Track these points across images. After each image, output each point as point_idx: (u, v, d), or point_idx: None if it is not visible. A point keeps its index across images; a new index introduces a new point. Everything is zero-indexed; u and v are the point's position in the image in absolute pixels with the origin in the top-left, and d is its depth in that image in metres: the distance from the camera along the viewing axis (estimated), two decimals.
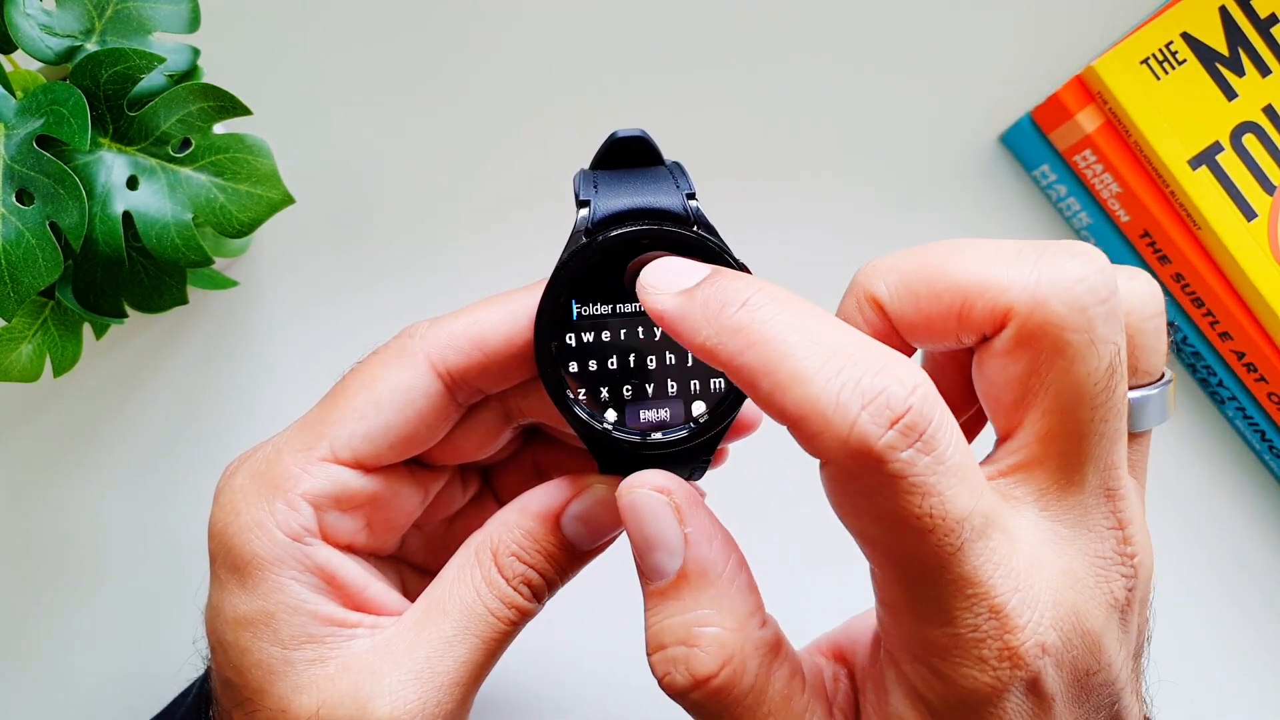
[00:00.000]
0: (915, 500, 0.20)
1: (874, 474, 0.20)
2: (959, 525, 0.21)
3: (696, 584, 0.23)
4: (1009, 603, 0.21)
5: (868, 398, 0.20)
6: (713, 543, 0.24)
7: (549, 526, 0.28)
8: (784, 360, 0.21)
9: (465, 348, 0.28)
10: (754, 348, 0.21)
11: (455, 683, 0.27)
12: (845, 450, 0.20)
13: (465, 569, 0.28)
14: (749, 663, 0.23)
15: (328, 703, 0.26)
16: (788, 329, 0.21)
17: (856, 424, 0.20)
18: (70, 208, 0.32)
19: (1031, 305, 0.22)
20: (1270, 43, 0.45)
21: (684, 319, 0.23)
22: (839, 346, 0.21)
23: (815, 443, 0.21)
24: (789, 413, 0.21)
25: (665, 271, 0.24)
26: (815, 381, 0.21)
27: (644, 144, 0.27)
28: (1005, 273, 0.22)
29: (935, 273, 0.23)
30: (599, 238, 0.26)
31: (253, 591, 0.27)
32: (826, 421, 0.20)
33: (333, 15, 0.47)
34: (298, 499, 0.28)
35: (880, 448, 0.20)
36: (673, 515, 0.24)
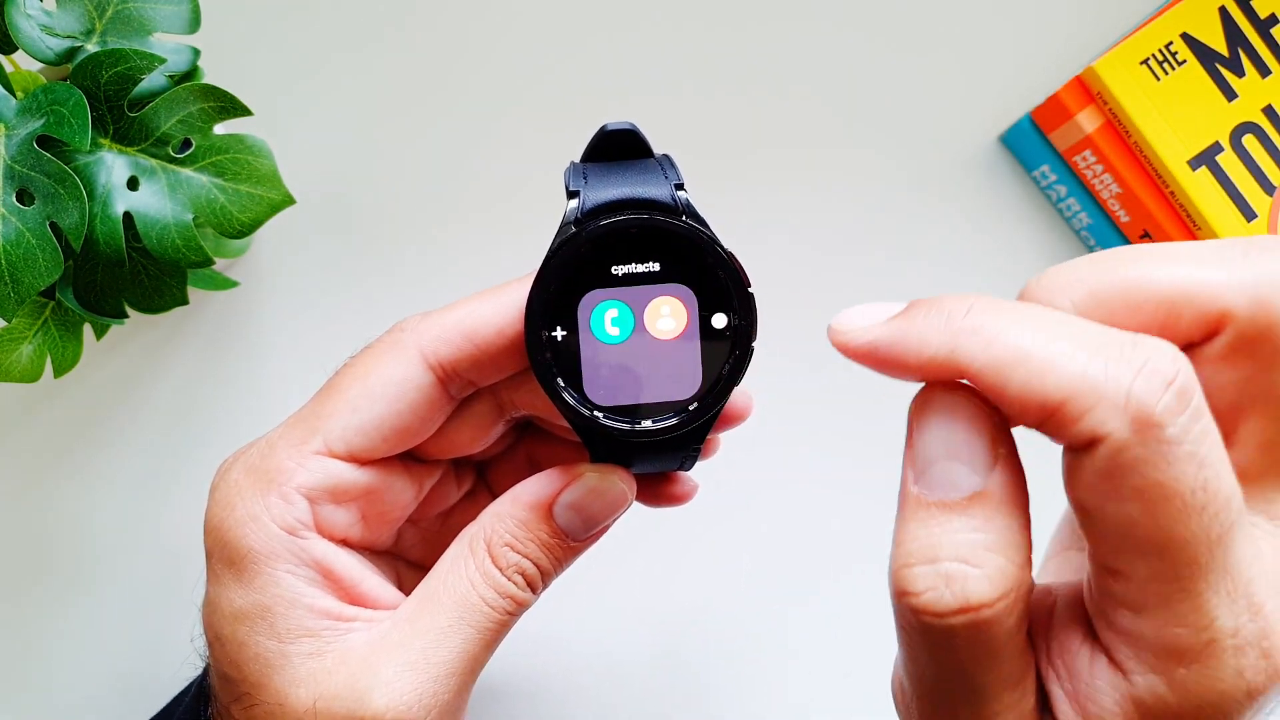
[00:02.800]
0: (1192, 470, 0.19)
1: (1152, 442, 0.19)
2: (1228, 504, 0.20)
3: (996, 508, 0.21)
4: (1267, 603, 0.20)
5: (1136, 366, 0.19)
6: (1019, 475, 0.22)
7: (542, 516, 0.28)
8: (1036, 347, 0.20)
9: (457, 340, 0.28)
10: (999, 341, 0.20)
11: (451, 673, 0.27)
12: (1125, 417, 0.19)
13: (459, 560, 0.28)
14: (1019, 605, 0.21)
15: (324, 695, 0.26)
16: (1026, 322, 0.21)
17: (1133, 390, 0.19)
18: (70, 208, 0.32)
19: (1253, 306, 0.20)
20: (1270, 43, 0.45)
21: (905, 338, 0.22)
22: (1082, 329, 0.20)
23: (1085, 421, 0.19)
24: (1052, 395, 0.20)
25: (859, 310, 0.23)
26: (1077, 359, 0.20)
27: (633, 136, 0.27)
28: (1214, 275, 0.21)
29: (1131, 283, 0.21)
30: (587, 227, 0.26)
31: (248, 585, 0.27)
32: (1099, 393, 0.19)
33: (333, 15, 0.47)
34: (292, 492, 0.28)
35: (1160, 412, 0.19)
36: (993, 430, 0.22)
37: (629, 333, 0.27)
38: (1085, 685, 0.21)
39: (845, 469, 0.46)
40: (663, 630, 0.45)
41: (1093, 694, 0.21)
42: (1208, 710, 0.20)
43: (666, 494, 0.32)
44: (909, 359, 0.21)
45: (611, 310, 0.27)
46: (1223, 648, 0.20)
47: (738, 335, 0.27)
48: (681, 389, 0.27)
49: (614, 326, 0.27)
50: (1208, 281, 0.21)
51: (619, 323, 0.27)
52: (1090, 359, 0.20)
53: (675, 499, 0.32)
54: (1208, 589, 0.20)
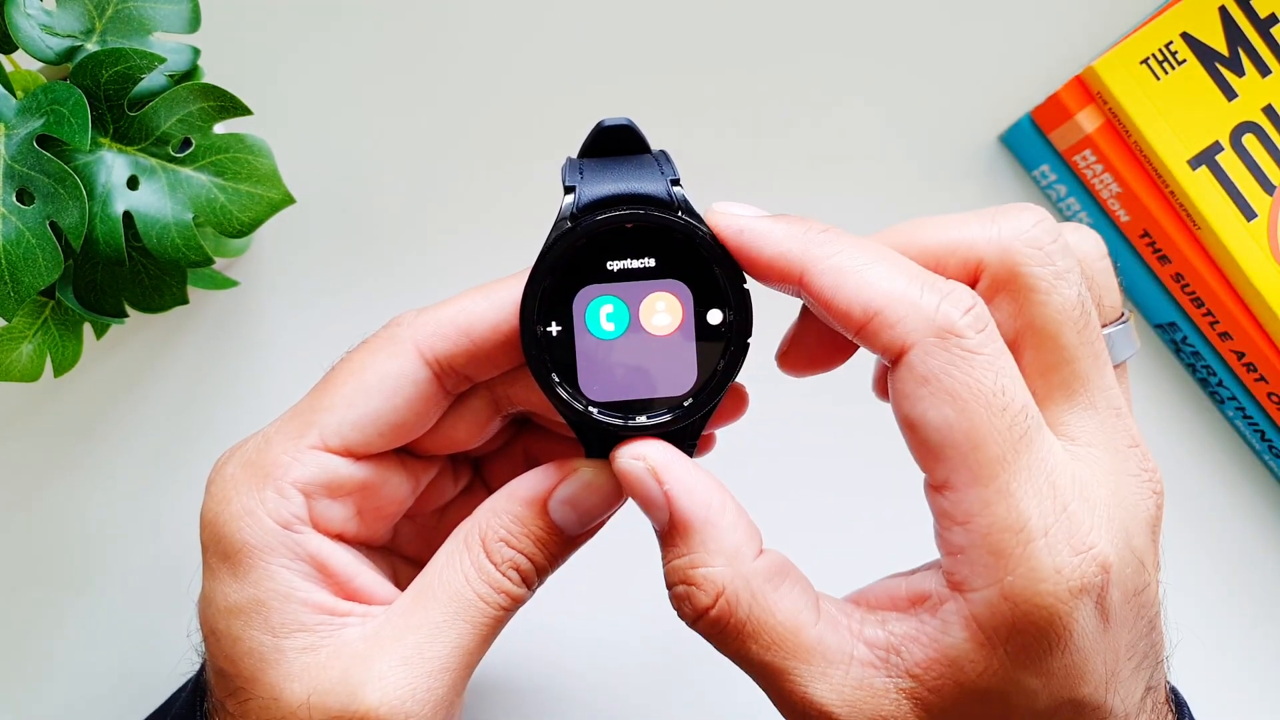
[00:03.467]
0: (991, 376, 0.23)
1: (955, 349, 0.23)
2: (1024, 410, 0.23)
3: (684, 532, 0.26)
4: (1071, 504, 0.23)
5: (943, 292, 0.24)
6: (692, 494, 0.26)
7: (536, 511, 0.28)
8: (872, 263, 0.24)
9: (452, 335, 0.28)
10: (843, 253, 0.25)
11: (445, 668, 0.27)
12: (931, 327, 0.23)
13: (454, 555, 0.28)
14: (742, 593, 0.25)
15: (318, 690, 0.26)
16: (866, 248, 0.25)
17: (940, 306, 0.24)
18: (70, 208, 0.32)
19: (999, 253, 0.25)
20: (1270, 43, 0.45)
21: (768, 234, 0.26)
22: (906, 265, 0.25)
23: (898, 328, 0.24)
24: (872, 303, 0.24)
25: (740, 204, 0.27)
26: (897, 280, 0.24)
27: (630, 132, 0.27)
28: (969, 231, 0.25)
29: (903, 242, 0.26)
30: (583, 222, 0.26)
31: (243, 579, 0.27)
32: (914, 305, 0.24)
33: (332, 16, 0.47)
34: (288, 487, 0.28)
35: (961, 325, 0.23)
36: (650, 478, 0.26)
37: (624, 328, 0.27)
38: (936, 633, 0.24)
39: (842, 466, 0.46)
40: (659, 623, 0.45)
41: (941, 634, 0.24)
42: (1039, 615, 0.23)
43: None
44: (765, 251, 0.26)
45: (607, 306, 0.27)
46: (1038, 546, 0.23)
47: (733, 332, 0.27)
48: (676, 385, 0.27)
49: (609, 322, 0.27)
50: (963, 237, 0.25)
51: (614, 318, 0.27)
52: (908, 283, 0.24)
53: None
54: (1018, 487, 0.23)
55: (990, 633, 0.23)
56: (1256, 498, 0.48)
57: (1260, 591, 0.48)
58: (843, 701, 0.24)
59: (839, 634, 0.25)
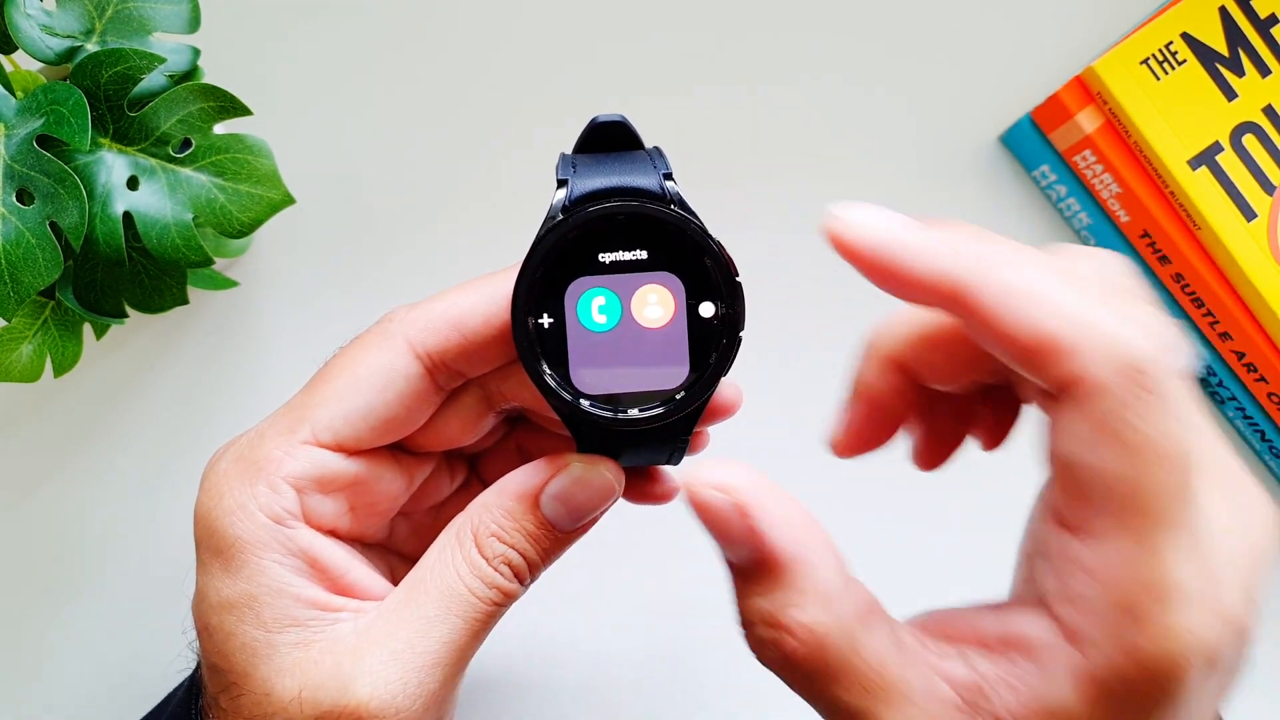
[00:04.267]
0: (1175, 426, 0.20)
1: (1141, 392, 0.20)
2: (1189, 459, 0.20)
3: (773, 571, 0.23)
4: (1219, 569, 0.21)
5: (1131, 317, 0.20)
6: (782, 529, 0.23)
7: (528, 506, 0.28)
8: (1044, 280, 0.21)
9: (444, 330, 0.28)
10: (1005, 270, 0.21)
11: (437, 663, 0.27)
12: (1119, 364, 0.20)
13: (446, 551, 0.28)
14: (838, 638, 0.22)
15: (310, 684, 0.26)
16: (1032, 260, 0.21)
17: (1130, 337, 0.20)
18: (70, 208, 0.32)
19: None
20: (1270, 43, 0.45)
21: (914, 248, 0.22)
22: (1084, 283, 0.21)
23: (1076, 361, 0.20)
24: (1048, 329, 0.20)
25: (865, 206, 0.23)
26: (1080, 300, 0.20)
27: (623, 128, 0.27)
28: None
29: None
30: (574, 214, 0.26)
31: (236, 574, 0.27)
32: (1098, 333, 0.20)
33: (332, 16, 0.47)
34: (280, 481, 0.28)
35: (1155, 365, 0.20)
36: (734, 513, 0.23)
37: (616, 321, 0.27)
38: (1038, 680, 0.22)
39: (838, 463, 0.46)
40: (654, 621, 0.45)
41: (1043, 683, 0.21)
42: (1167, 680, 0.20)
43: (649, 492, 0.31)
44: (915, 270, 0.21)
45: (598, 298, 0.27)
46: (1175, 604, 0.20)
47: (726, 324, 0.27)
48: (668, 378, 0.27)
49: (601, 314, 0.27)
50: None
51: (606, 311, 0.27)
52: (1089, 305, 0.20)
53: (658, 498, 0.32)
54: (1173, 549, 0.20)
55: (1103, 690, 0.21)
56: None
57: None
58: None
59: (920, 671, 0.23)
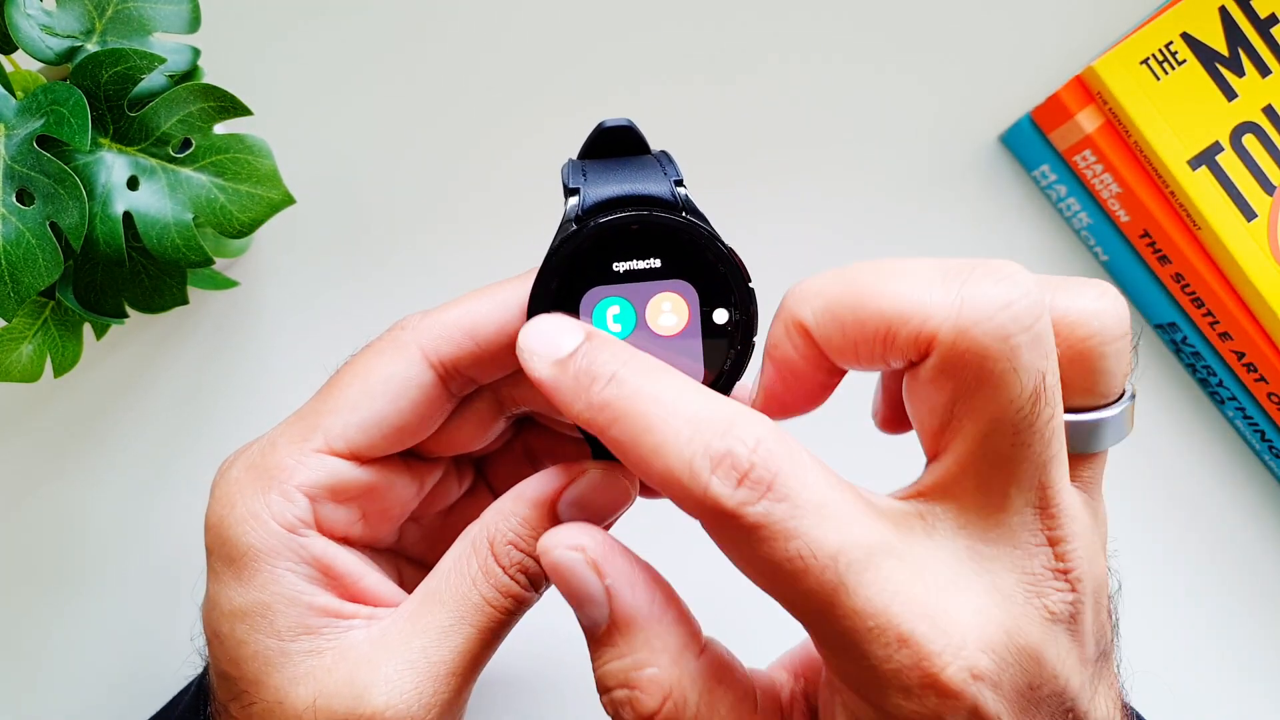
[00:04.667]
0: (780, 545, 0.21)
1: (735, 529, 0.21)
2: (832, 560, 0.21)
3: (626, 630, 0.24)
4: (916, 629, 0.21)
5: (715, 460, 0.22)
6: (635, 588, 0.24)
7: (545, 513, 0.28)
8: (645, 434, 0.22)
9: (457, 338, 0.28)
10: (618, 423, 0.23)
11: (451, 672, 0.27)
12: (705, 512, 0.22)
13: (461, 559, 0.28)
14: (689, 694, 0.24)
15: (324, 693, 0.26)
16: (648, 401, 0.23)
17: (709, 487, 0.21)
18: (70, 208, 0.32)
19: (954, 334, 0.22)
20: (1270, 43, 0.45)
21: (558, 391, 0.24)
22: (692, 413, 0.22)
23: (683, 508, 0.22)
24: (655, 483, 0.22)
25: (541, 334, 0.25)
26: (671, 452, 0.22)
27: (631, 133, 0.27)
28: (929, 298, 0.22)
29: (859, 299, 0.23)
30: (589, 224, 0.26)
31: (248, 583, 0.27)
32: (686, 489, 0.22)
33: (332, 16, 0.47)
34: (293, 490, 0.28)
35: (733, 505, 0.21)
36: (590, 570, 0.24)
37: (630, 329, 0.27)
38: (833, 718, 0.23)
39: (845, 461, 0.46)
40: None
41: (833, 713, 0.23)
42: None
43: None
44: (564, 410, 0.24)
45: (613, 307, 0.27)
46: (886, 675, 0.21)
47: (739, 331, 0.27)
48: None
49: (616, 323, 0.27)
50: (920, 304, 0.22)
51: (621, 319, 0.27)
52: (681, 452, 0.22)
53: None
54: (847, 630, 0.21)
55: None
56: (1256, 498, 0.48)
57: (1261, 592, 0.48)
58: None
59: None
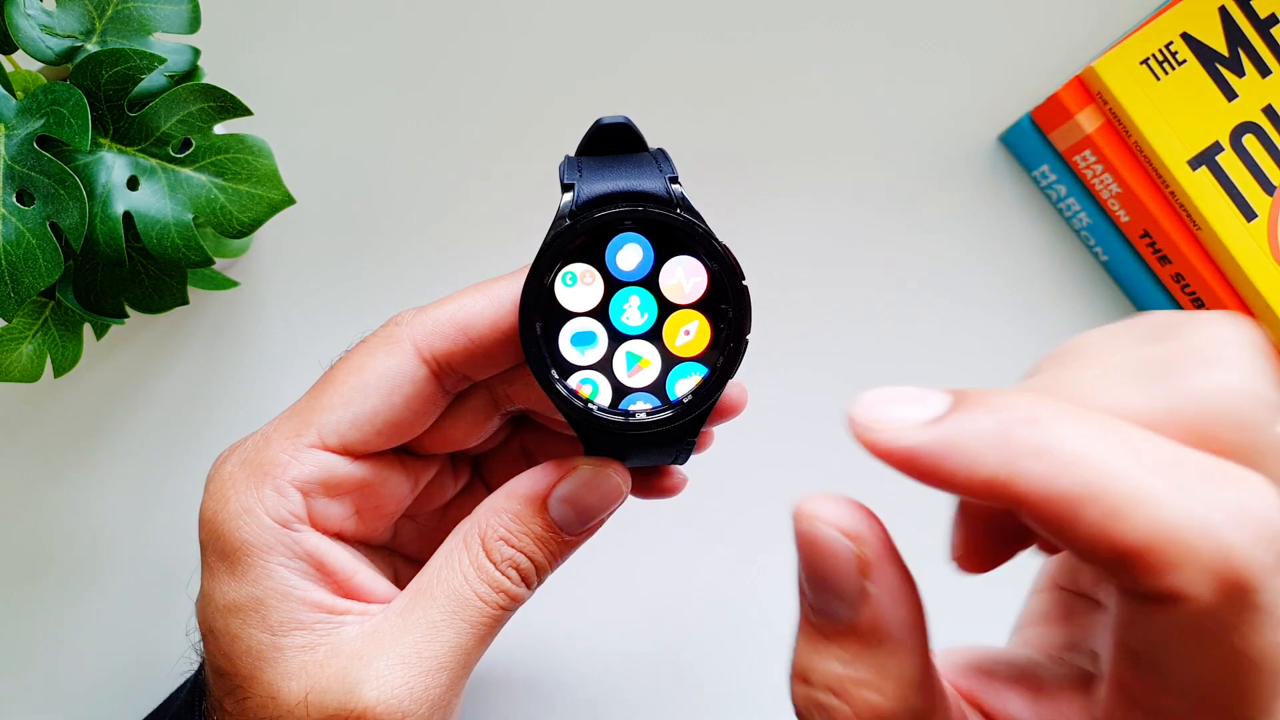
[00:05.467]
0: (1273, 635, 0.17)
1: (1242, 605, 0.16)
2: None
3: (866, 642, 0.20)
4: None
5: (1234, 514, 0.16)
6: (897, 606, 0.20)
7: (536, 509, 0.28)
8: (1115, 480, 0.17)
9: (451, 334, 0.28)
10: (1070, 469, 0.17)
11: (442, 667, 0.27)
12: (1216, 580, 0.16)
13: (453, 555, 0.28)
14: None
15: (316, 688, 0.27)
16: (1102, 442, 0.17)
17: (1234, 548, 0.16)
18: (71, 208, 0.32)
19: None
20: (1270, 43, 0.45)
21: (952, 451, 0.18)
22: (1166, 457, 0.17)
23: (1169, 577, 0.16)
24: (1131, 543, 0.16)
25: (888, 399, 0.19)
26: (1164, 500, 0.16)
27: (628, 130, 0.27)
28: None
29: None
30: (581, 220, 0.26)
31: (242, 578, 0.27)
32: (1190, 548, 0.16)
33: (333, 16, 0.47)
34: (286, 485, 0.28)
35: (1260, 576, 0.16)
36: (855, 564, 0.20)
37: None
38: None
39: (841, 464, 0.46)
40: (659, 620, 0.45)
41: None
42: None
43: (658, 486, 0.32)
44: (958, 477, 0.18)
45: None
46: None
47: (732, 328, 0.27)
48: (676, 381, 0.27)
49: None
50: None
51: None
52: (1178, 501, 0.16)
53: (666, 491, 0.32)
54: None
55: None
56: None
57: None
58: None
59: None
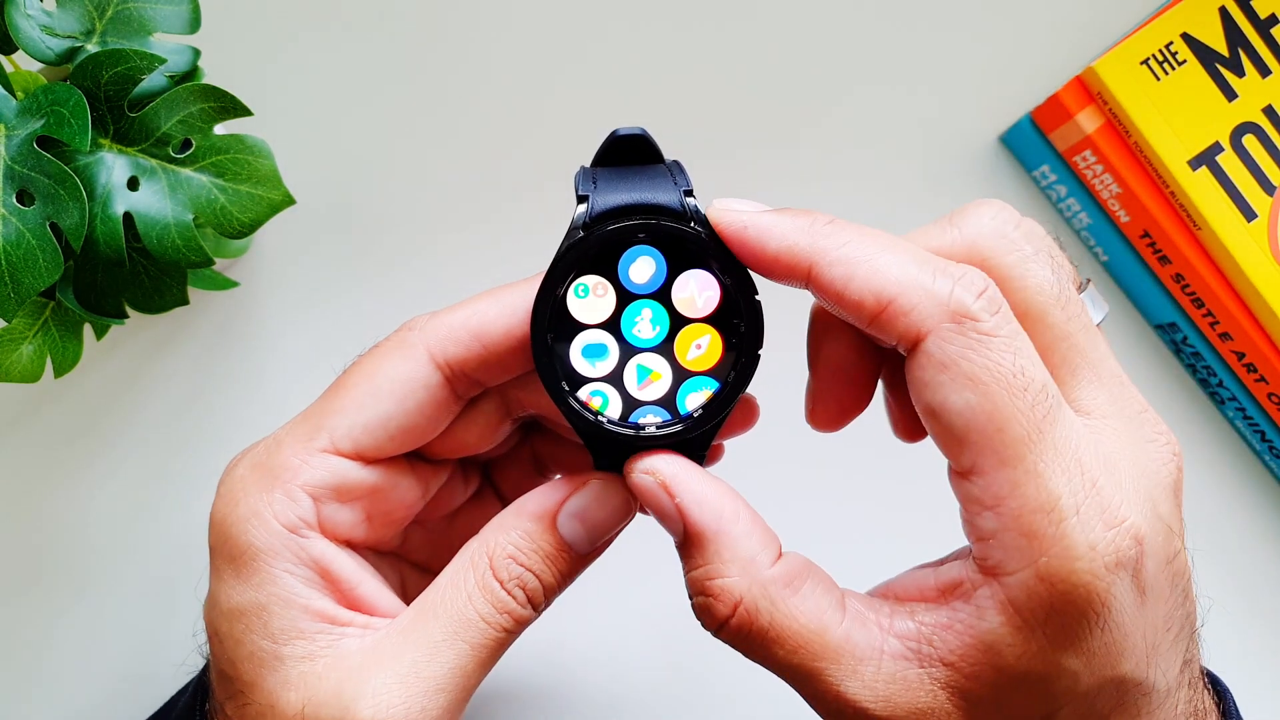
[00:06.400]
0: (1009, 357, 0.23)
1: (971, 333, 0.23)
2: (1044, 388, 0.23)
3: (698, 543, 0.26)
4: (1099, 479, 0.23)
5: (955, 276, 0.24)
6: (702, 505, 0.26)
7: (545, 526, 0.28)
8: (881, 251, 0.24)
9: (464, 339, 0.28)
10: (851, 243, 0.25)
11: (441, 689, 0.27)
12: (946, 312, 0.23)
13: (460, 574, 0.28)
14: (760, 600, 0.25)
15: (313, 700, 0.26)
16: (871, 236, 0.25)
17: (953, 290, 0.23)
18: (71, 208, 0.32)
19: (967, 251, 0.25)
20: (1270, 43, 0.45)
21: (774, 227, 0.25)
22: (913, 251, 0.25)
23: (913, 315, 0.24)
24: (887, 290, 0.24)
25: (739, 199, 0.26)
26: (908, 267, 0.24)
27: (644, 142, 0.27)
28: (935, 240, 0.26)
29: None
30: (595, 231, 0.26)
31: (247, 582, 0.27)
32: (928, 291, 0.23)
33: (333, 16, 0.47)
34: (297, 490, 0.28)
35: (975, 308, 0.23)
36: (662, 492, 0.26)
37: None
38: (971, 620, 0.24)
39: (848, 475, 0.46)
40: (663, 628, 0.45)
41: (977, 622, 0.24)
42: (1077, 593, 0.22)
43: None
44: (769, 246, 0.25)
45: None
46: (1071, 525, 0.22)
47: (744, 342, 0.27)
48: (687, 395, 0.27)
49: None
50: (931, 247, 0.26)
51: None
52: (919, 269, 0.24)
53: None
54: (1046, 466, 0.23)
55: (1028, 615, 0.23)
56: (1256, 498, 0.48)
57: (1261, 592, 0.48)
58: (876, 697, 0.24)
59: (867, 630, 0.25)
